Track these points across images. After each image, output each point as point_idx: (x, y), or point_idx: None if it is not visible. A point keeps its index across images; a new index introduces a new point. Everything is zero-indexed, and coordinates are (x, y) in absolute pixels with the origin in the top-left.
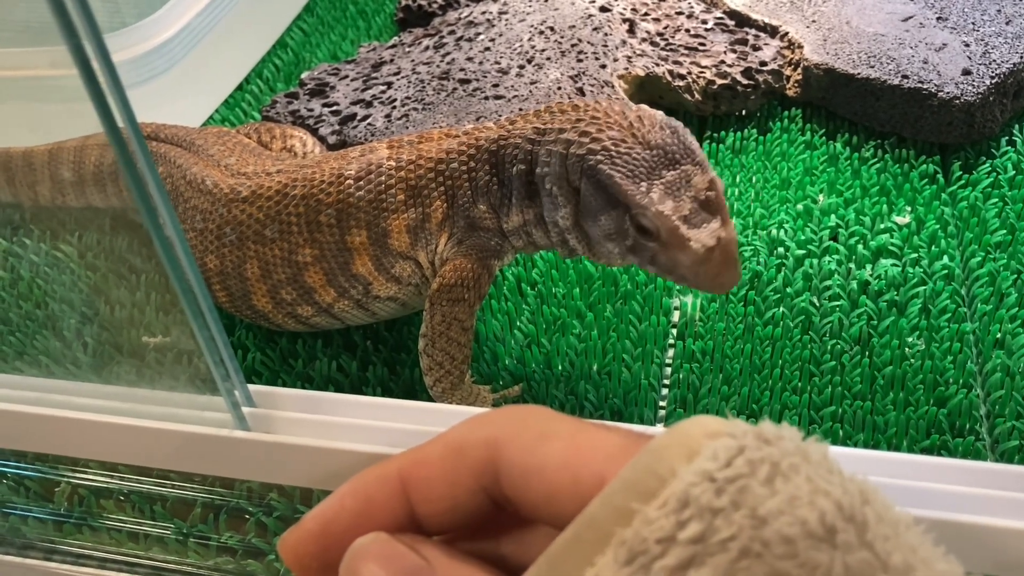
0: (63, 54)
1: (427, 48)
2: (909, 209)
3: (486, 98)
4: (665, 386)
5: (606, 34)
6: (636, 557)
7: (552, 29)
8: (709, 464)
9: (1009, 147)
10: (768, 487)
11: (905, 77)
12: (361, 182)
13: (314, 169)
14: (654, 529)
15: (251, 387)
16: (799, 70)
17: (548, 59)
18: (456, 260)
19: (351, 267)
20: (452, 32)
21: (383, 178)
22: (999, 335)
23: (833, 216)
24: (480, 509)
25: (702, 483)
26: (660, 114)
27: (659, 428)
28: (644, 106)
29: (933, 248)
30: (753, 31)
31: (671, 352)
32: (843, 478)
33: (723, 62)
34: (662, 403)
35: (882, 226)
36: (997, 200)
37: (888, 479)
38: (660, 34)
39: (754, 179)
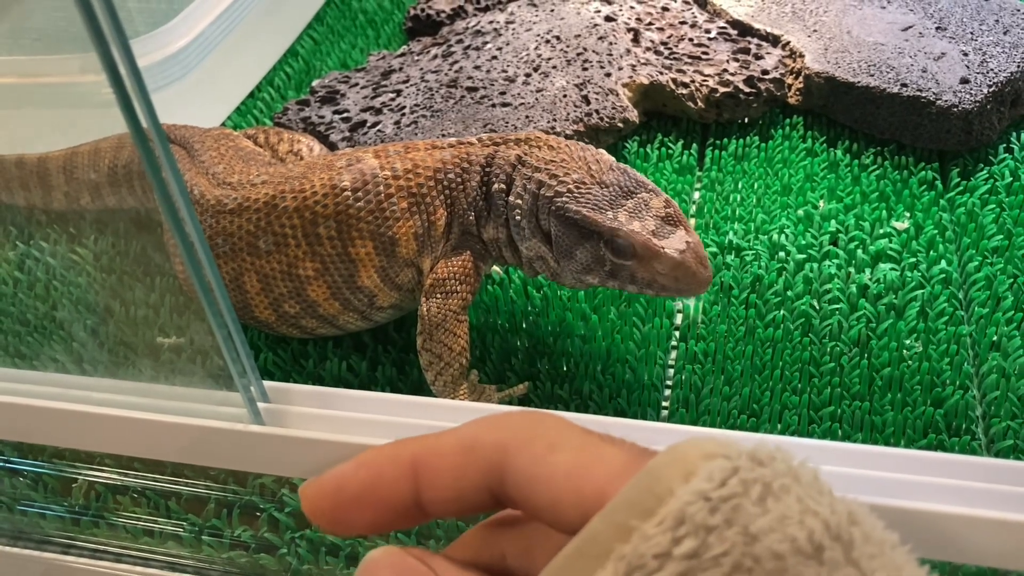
0: (89, 60)
1: (435, 57)
2: (908, 215)
3: (493, 106)
4: (668, 387)
5: (611, 43)
6: (634, 571)
7: (558, 38)
8: (704, 484)
9: (1006, 154)
10: (760, 506)
11: (904, 85)
12: (359, 192)
13: (301, 180)
14: (651, 545)
15: (266, 383)
16: (800, 78)
17: (554, 67)
18: (447, 258)
19: (356, 279)
20: (460, 41)
21: (381, 187)
22: (995, 337)
23: (833, 221)
24: (483, 504)
25: (697, 502)
26: (610, 157)
27: (670, 427)
28: (601, 151)
29: (931, 253)
30: (755, 40)
31: (674, 354)
32: (832, 499)
33: (726, 71)
34: (665, 403)
35: (881, 231)
36: (994, 206)
37: (887, 473)
38: (664, 43)
39: (756, 185)
